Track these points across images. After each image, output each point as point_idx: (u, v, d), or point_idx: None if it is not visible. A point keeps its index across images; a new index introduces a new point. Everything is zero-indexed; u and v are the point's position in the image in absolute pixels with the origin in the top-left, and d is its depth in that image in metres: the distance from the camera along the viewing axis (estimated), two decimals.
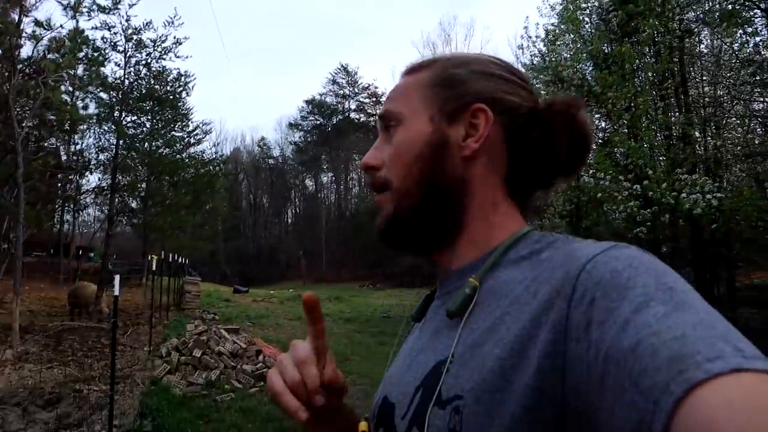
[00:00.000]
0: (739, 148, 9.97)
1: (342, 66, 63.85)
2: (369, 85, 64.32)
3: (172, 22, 15.45)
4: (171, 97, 16.21)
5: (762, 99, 8.41)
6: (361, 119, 64.26)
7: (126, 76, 15.16)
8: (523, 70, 0.73)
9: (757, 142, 10.73)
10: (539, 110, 0.69)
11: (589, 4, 12.73)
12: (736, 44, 8.96)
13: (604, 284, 0.48)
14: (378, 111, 0.75)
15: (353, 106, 64.75)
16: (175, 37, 15.81)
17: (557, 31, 12.42)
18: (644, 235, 9.53)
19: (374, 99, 64.03)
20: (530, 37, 13.77)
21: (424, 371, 0.63)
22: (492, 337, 0.56)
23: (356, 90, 64.19)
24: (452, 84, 0.70)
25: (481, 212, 0.68)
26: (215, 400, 7.07)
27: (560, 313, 0.51)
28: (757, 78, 8.14)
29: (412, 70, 0.75)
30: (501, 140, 0.68)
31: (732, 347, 0.38)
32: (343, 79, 63.80)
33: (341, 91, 64.37)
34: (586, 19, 12.79)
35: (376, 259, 46.14)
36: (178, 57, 15.88)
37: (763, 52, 7.98)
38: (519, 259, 0.62)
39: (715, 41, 11.57)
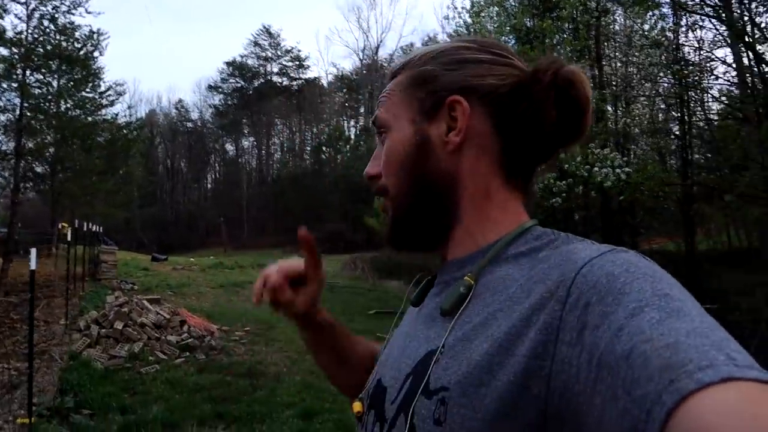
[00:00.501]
0: (645, 124, 10.70)
1: (264, 27, 61.67)
2: (292, 48, 62.69)
3: None
4: (82, 55, 15.11)
5: (666, 79, 9.08)
6: (284, 83, 62.72)
7: (29, 31, 13.97)
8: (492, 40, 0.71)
9: (661, 118, 11.57)
10: (524, 82, 0.66)
11: None
12: (647, 26, 9.56)
13: (600, 288, 0.49)
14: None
15: (276, 70, 62.96)
16: None
17: (482, 3, 12.63)
18: (559, 204, 10.10)
19: (297, 62, 62.59)
20: (456, 7, 13.96)
21: (416, 359, 0.64)
22: (483, 332, 0.57)
23: (279, 53, 62.36)
24: (424, 81, 0.69)
25: (475, 204, 0.68)
26: (140, 372, 6.95)
27: (553, 315, 0.51)
28: (663, 59, 8.76)
29: (394, 74, 0.75)
30: (488, 126, 0.67)
31: (724, 356, 0.38)
32: (265, 41, 61.73)
33: (263, 54, 62.27)
34: None
35: (298, 225, 45.67)
36: (89, 12, 14.82)
37: (669, 35, 8.56)
38: (518, 256, 0.62)
39: (628, 22, 12.24)
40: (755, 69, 7.33)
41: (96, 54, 15.71)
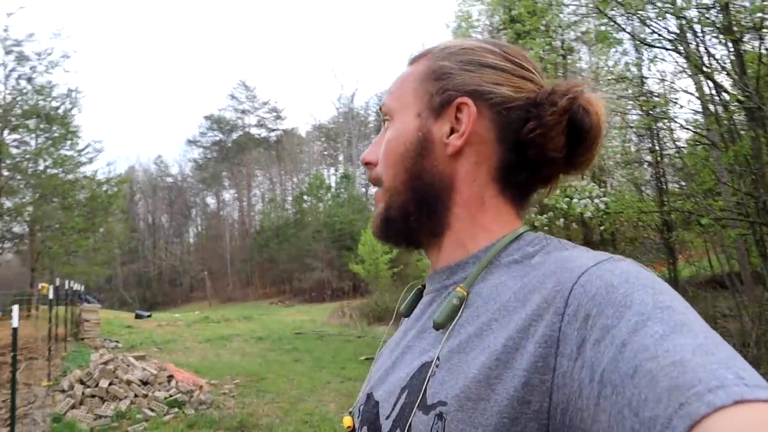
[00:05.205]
0: (618, 156, 11.02)
1: (241, 81, 62.90)
2: (269, 100, 63.80)
3: (59, 35, 14.61)
4: (60, 114, 15.17)
5: (635, 112, 9.43)
6: (262, 134, 63.48)
7: (7, 91, 14.06)
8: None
9: (633, 150, 11.90)
10: (539, 100, 0.63)
11: (480, 23, 13.53)
12: (611, 62, 9.97)
13: (599, 300, 0.47)
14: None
15: (253, 122, 63.84)
16: (62, 51, 14.98)
17: None
18: None
19: (275, 114, 63.53)
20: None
21: (410, 372, 0.62)
22: (478, 344, 0.55)
23: (256, 105, 63.38)
24: (438, 77, 0.67)
25: (468, 210, 0.66)
26: (127, 431, 6.74)
27: (551, 327, 0.49)
28: (630, 92, 9.12)
29: (412, 61, 0.72)
30: (492, 135, 0.64)
31: (733, 374, 0.36)
32: (242, 93, 62.81)
33: (241, 107, 63.31)
34: (479, 36, 13.57)
35: (282, 276, 45.48)
36: (66, 72, 15.05)
37: (632, 70, 8.94)
38: (510, 263, 0.61)
39: (592, 58, 12.72)
40: (716, 97, 7.67)
41: (74, 111, 15.79)
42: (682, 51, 7.34)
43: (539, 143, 0.62)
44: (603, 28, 8.39)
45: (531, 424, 0.48)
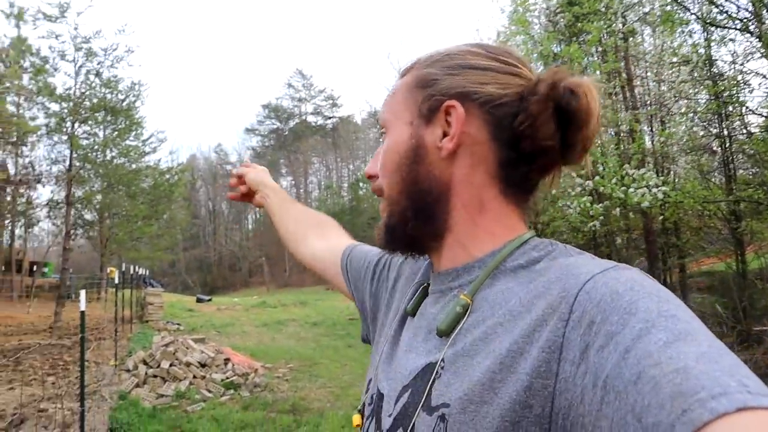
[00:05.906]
0: (684, 141, 10.50)
1: (298, 70, 63.73)
2: (325, 88, 64.39)
3: (124, 30, 15.22)
4: (125, 106, 15.88)
5: (702, 95, 8.95)
6: (319, 122, 64.22)
7: (78, 86, 14.80)
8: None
9: (701, 134, 11.31)
10: (525, 93, 0.63)
11: (537, 6, 13.13)
12: (676, 43, 9.48)
13: (604, 307, 0.47)
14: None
15: (310, 110, 64.65)
16: (126, 45, 15.60)
17: (508, 32, 12.75)
18: (598, 228, 9.91)
19: (331, 102, 64.10)
20: (482, 39, 14.06)
21: (414, 371, 0.63)
22: (483, 348, 0.55)
23: (312, 93, 64.13)
24: (425, 84, 0.67)
25: (468, 213, 0.65)
26: (186, 410, 7.04)
27: (556, 333, 0.49)
28: (695, 76, 8.66)
29: (402, 74, 0.74)
30: (485, 135, 0.64)
31: (737, 382, 0.36)
32: (298, 82, 63.67)
33: (297, 95, 64.22)
34: (535, 20, 13.17)
35: None
36: (130, 65, 15.73)
37: (700, 51, 8.46)
38: (516, 268, 0.60)
39: (656, 41, 12.14)
40: None
41: (138, 104, 16.48)
42: (755, 30, 6.91)
43: (529, 134, 0.62)
44: (668, 8, 8.01)
45: (532, 428, 0.48)
